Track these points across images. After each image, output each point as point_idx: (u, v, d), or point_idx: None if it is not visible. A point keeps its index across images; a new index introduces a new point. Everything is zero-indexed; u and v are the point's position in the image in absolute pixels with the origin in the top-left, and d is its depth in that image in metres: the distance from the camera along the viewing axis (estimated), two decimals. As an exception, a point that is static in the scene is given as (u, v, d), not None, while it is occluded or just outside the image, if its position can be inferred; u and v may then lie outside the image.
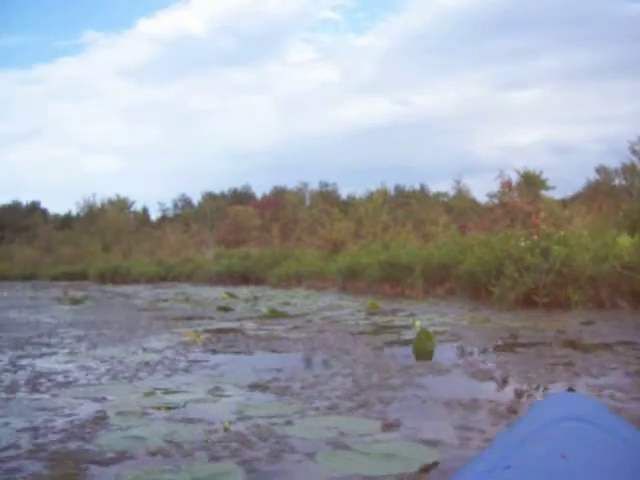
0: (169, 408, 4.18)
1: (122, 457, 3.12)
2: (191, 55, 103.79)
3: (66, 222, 67.28)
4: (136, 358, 6.58)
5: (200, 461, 3.02)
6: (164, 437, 3.44)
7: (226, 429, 3.56)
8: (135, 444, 3.32)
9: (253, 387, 4.87)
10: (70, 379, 5.43)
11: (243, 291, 20.63)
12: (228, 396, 4.56)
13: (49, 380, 5.38)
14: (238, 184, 72.18)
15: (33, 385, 5.16)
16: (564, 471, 1.90)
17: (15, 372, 5.85)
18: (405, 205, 45.22)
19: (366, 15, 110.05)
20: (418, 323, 9.20)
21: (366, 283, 18.27)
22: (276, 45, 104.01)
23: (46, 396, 4.71)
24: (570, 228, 15.54)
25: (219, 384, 4.99)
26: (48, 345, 7.91)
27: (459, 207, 40.91)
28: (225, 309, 13.17)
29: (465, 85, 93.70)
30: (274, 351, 6.98)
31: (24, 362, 6.49)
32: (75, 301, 16.99)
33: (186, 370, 5.77)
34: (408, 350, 6.60)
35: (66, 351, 7.31)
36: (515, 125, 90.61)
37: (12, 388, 5.03)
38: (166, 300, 17.18)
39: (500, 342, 7.38)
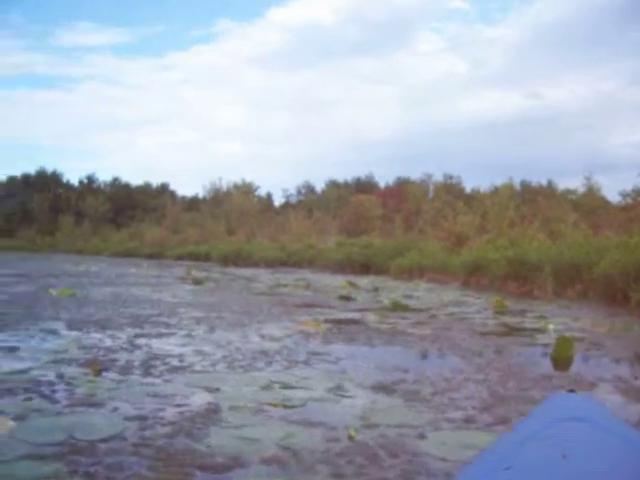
0: (287, 406, 3.83)
1: (233, 463, 2.78)
2: (319, 44, 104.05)
3: (193, 204, 68.92)
4: (254, 345, 6.30)
5: (321, 477, 2.62)
6: (280, 441, 3.08)
7: (351, 438, 3.16)
8: (248, 447, 2.98)
9: (378, 388, 4.45)
10: (185, 364, 5.19)
11: (364, 281, 20.22)
12: (351, 397, 4.17)
13: (164, 363, 5.16)
14: (362, 173, 71.80)
15: (147, 368, 4.94)
16: (565, 471, 1.88)
17: (131, 352, 5.68)
18: (531, 201, 43.54)
19: (497, 5, 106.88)
20: (552, 327, 8.53)
21: (490, 279, 17.47)
22: (403, 35, 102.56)
23: (158, 381, 4.47)
24: None
25: (341, 381, 4.61)
26: (167, 325, 7.78)
27: (589, 205, 38.97)
28: (346, 298, 12.82)
29: (599, 79, 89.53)
30: (399, 347, 6.53)
31: (141, 341, 6.35)
32: (197, 281, 17.11)
33: (306, 363, 5.42)
34: (543, 356, 6.01)
35: (184, 332, 7.14)
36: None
37: (126, 369, 4.83)
38: (286, 285, 17.00)
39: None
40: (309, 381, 4.59)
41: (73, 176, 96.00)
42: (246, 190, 67.30)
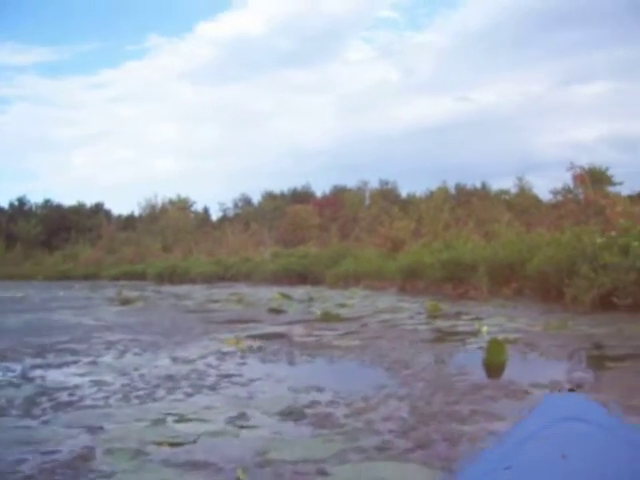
0: (174, 444, 3.31)
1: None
2: (250, 57, 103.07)
3: (129, 222, 67.60)
4: (161, 370, 5.75)
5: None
6: (151, 494, 2.55)
7: (237, 481, 2.65)
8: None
9: (286, 414, 3.95)
10: (75, 398, 4.62)
11: (299, 291, 19.75)
12: (253, 427, 3.67)
13: (50, 399, 4.57)
14: (298, 184, 71.53)
15: (29, 406, 4.36)
16: (564, 471, 1.87)
17: (18, 387, 5.08)
18: (466, 203, 43.79)
19: (425, 12, 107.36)
20: (485, 329, 8.16)
21: (426, 283, 17.17)
22: (335, 44, 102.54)
23: (35, 423, 3.89)
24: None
25: (246, 408, 4.10)
26: (73, 352, 7.17)
27: (521, 205, 39.39)
28: (277, 311, 12.33)
29: (527, 80, 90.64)
30: (320, 363, 6.05)
31: (36, 373, 5.75)
32: (125, 302, 16.41)
33: (212, 388, 4.89)
34: (476, 363, 5.61)
35: (89, 360, 6.54)
36: (579, 121, 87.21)
37: (3, 410, 4.23)
38: (217, 301, 16.42)
39: (584, 353, 6.30)
40: (209, 411, 4.06)
41: (3, 199, 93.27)
42: (182, 206, 66.41)
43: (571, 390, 3.11)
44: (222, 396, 4.56)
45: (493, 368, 5.45)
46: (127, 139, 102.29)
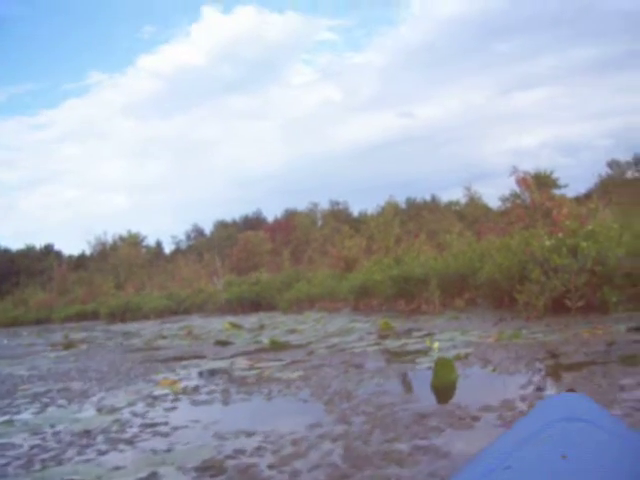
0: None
1: None
2: (193, 87, 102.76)
3: (81, 262, 66.30)
4: (80, 425, 5.20)
5: None
6: None
7: None
8: None
9: (203, 470, 3.47)
10: (-31, 469, 4.06)
11: (251, 319, 19.21)
12: (161, 489, 3.17)
13: (-59, 473, 4.01)
14: (249, 210, 71.04)
15: None
16: (564, 471, 1.82)
17: None
18: (417, 217, 43.79)
19: (363, 32, 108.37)
20: (437, 345, 7.78)
21: (379, 301, 16.80)
22: (276, 69, 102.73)
23: None
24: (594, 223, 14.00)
25: (160, 466, 3.60)
26: (-9, 410, 6.56)
27: (472, 214, 39.49)
28: (223, 343, 11.79)
29: (468, 92, 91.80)
30: (256, 401, 5.56)
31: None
32: (68, 346, 15.66)
33: (129, 442, 4.37)
34: (424, 386, 5.19)
35: (3, 419, 5.95)
36: (522, 127, 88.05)
37: None
38: (166, 337, 15.78)
39: (539, 365, 5.92)
40: (117, 472, 3.56)
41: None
42: (133, 241, 65.48)
43: (571, 390, 2.91)
44: (138, 451, 4.06)
45: (442, 390, 5.04)
46: (73, 178, 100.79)
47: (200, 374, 7.81)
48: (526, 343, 7.42)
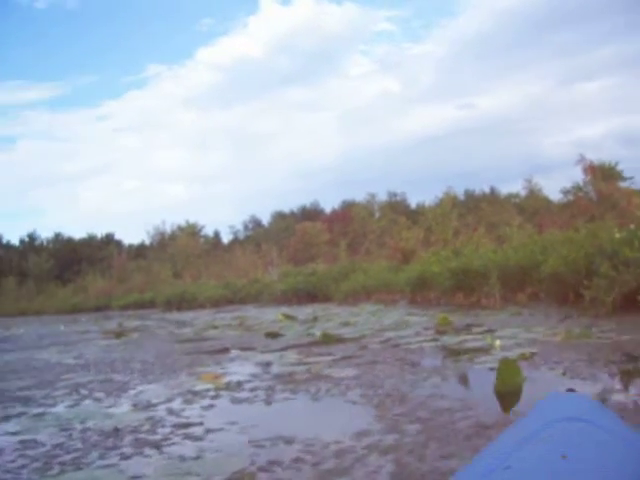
0: None
1: None
2: (252, 79, 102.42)
3: (140, 251, 67.03)
4: (112, 422, 4.83)
5: None
6: None
7: None
8: None
9: (231, 483, 3.02)
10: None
11: (306, 311, 18.81)
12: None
13: (-49, 474, 3.67)
14: (307, 201, 70.66)
15: None
16: (564, 471, 1.86)
17: None
18: (476, 209, 42.76)
19: (421, 23, 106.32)
20: (498, 343, 7.22)
21: (437, 293, 16.20)
22: (334, 60, 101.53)
23: None
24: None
25: (183, 477, 3.18)
26: (26, 401, 6.28)
27: (532, 207, 38.34)
28: (274, 335, 11.40)
29: (529, 83, 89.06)
30: (301, 401, 5.11)
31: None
32: (119, 334, 15.51)
33: (157, 445, 3.96)
34: (486, 390, 4.66)
35: (37, 412, 5.65)
36: (583, 119, 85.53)
37: None
38: (217, 327, 15.48)
39: (615, 368, 5.33)
40: (135, 484, 3.15)
41: (14, 236, 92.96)
42: (191, 231, 65.83)
43: (571, 389, 2.91)
44: (164, 457, 3.65)
45: (506, 396, 4.49)
46: (134, 168, 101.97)
47: (246, 368, 7.41)
48: (598, 343, 6.81)
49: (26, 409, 5.82)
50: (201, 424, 4.47)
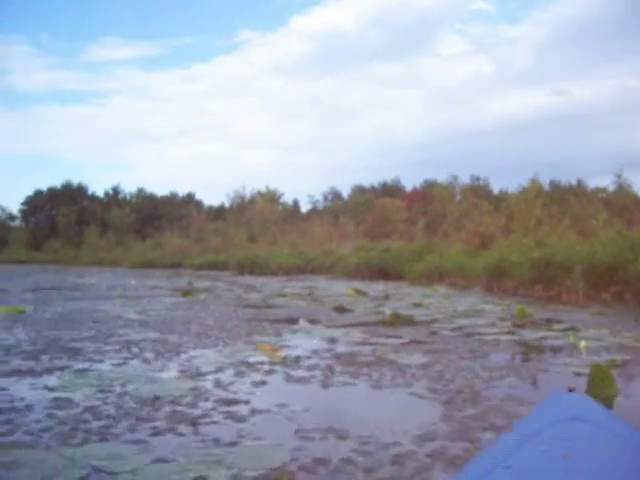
0: None
1: None
2: (342, 50, 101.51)
3: (219, 213, 67.64)
4: (152, 387, 4.46)
5: None
6: None
7: None
8: None
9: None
10: (3, 429, 3.36)
11: (377, 287, 18.30)
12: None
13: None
14: (388, 177, 69.81)
15: None
16: (564, 471, 1.84)
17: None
18: (560, 200, 41.21)
19: (519, 4, 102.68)
20: (584, 344, 6.56)
21: (515, 283, 15.42)
22: (426, 38, 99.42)
23: None
24: None
25: (211, 468, 2.74)
26: (75, 354, 6.01)
27: (620, 202, 36.65)
28: (342, 310, 10.95)
29: (627, 73, 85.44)
30: (360, 388, 4.62)
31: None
32: (185, 293, 15.33)
33: (194, 423, 3.54)
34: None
35: (82, 367, 5.36)
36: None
37: None
38: (285, 296, 15.14)
39: None
40: (157, 467, 2.72)
41: (99, 188, 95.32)
42: (270, 197, 65.98)
43: (571, 390, 2.73)
44: (197, 439, 3.21)
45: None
46: (219, 131, 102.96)
47: (307, 343, 6.97)
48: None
49: (72, 363, 5.53)
50: (247, 402, 4.04)
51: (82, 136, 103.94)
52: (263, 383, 4.72)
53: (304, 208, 70.78)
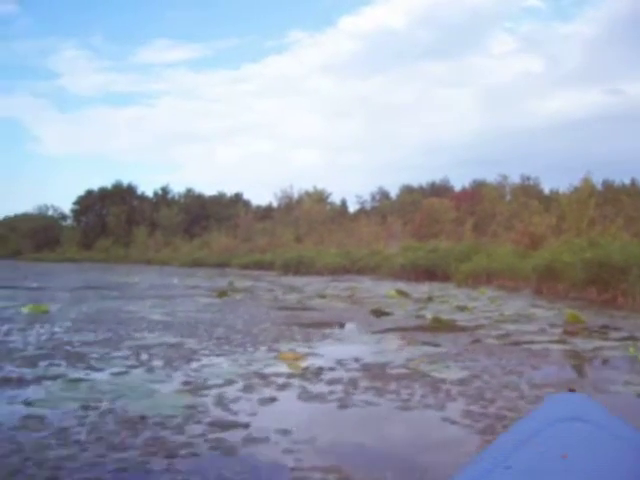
0: None
1: None
2: (391, 49, 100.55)
3: (266, 213, 67.59)
4: (142, 404, 3.88)
5: None
6: None
7: None
8: None
9: None
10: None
11: (422, 289, 17.57)
12: None
13: None
14: (436, 177, 68.78)
15: None
16: (564, 471, 1.83)
17: None
18: (614, 201, 39.81)
19: (571, 1, 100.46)
20: (645, 357, 5.82)
21: (566, 286, 14.57)
22: (476, 36, 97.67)
23: None
24: None
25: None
26: (74, 361, 5.49)
27: (677, 204, 35.24)
28: (379, 313, 10.30)
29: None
30: (384, 410, 3.97)
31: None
32: (220, 294, 14.83)
33: (173, 455, 2.91)
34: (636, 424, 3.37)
35: (72, 377, 4.82)
36: None
37: None
38: (324, 297, 14.52)
39: None
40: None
41: (148, 188, 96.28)
42: (317, 197, 65.63)
43: (571, 390, 2.64)
44: (166, 478, 2.61)
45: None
46: (268, 131, 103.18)
47: (334, 350, 6.34)
48: None
49: (68, 371, 5.04)
50: (246, 426, 3.42)
51: (132, 137, 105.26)
52: (272, 400, 4.10)
53: (352, 208, 70.19)
